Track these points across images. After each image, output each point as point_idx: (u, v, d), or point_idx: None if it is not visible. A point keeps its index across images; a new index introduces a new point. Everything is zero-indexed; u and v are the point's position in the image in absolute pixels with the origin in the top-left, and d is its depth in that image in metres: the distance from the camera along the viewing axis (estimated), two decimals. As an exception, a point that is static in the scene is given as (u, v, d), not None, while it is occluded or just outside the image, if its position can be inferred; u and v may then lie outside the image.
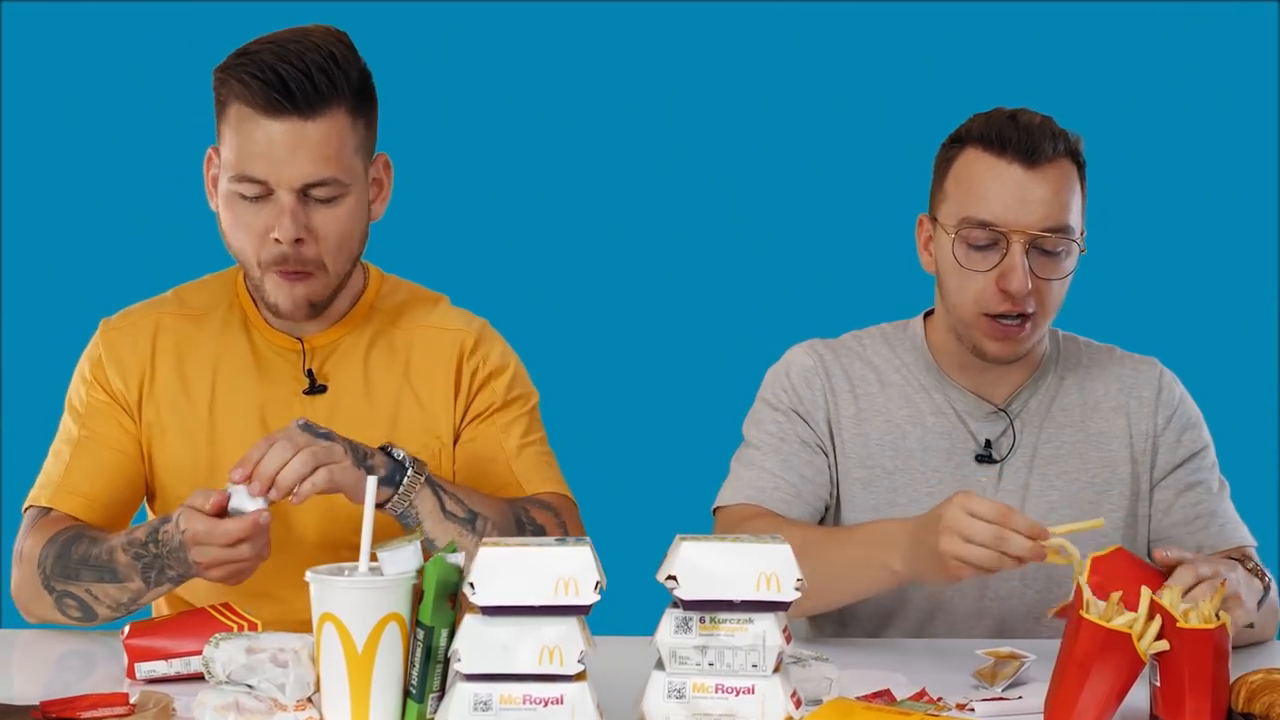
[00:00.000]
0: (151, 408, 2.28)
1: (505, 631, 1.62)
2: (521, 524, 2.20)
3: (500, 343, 2.35)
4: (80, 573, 2.14)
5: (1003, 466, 2.28)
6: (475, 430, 2.30)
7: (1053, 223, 2.17)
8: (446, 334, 2.32)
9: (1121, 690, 1.71)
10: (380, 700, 1.67)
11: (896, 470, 2.29)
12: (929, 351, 2.33)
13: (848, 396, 2.32)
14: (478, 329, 2.34)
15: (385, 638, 1.66)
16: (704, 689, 1.65)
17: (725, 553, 1.64)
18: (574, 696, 1.62)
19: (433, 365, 2.30)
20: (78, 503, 2.25)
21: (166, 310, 2.32)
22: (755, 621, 1.64)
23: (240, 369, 2.28)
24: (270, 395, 2.27)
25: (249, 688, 1.69)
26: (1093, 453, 2.29)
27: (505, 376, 2.32)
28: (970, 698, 1.84)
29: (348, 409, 2.26)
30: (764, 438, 2.31)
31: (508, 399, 2.32)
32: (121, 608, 2.15)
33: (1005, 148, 2.18)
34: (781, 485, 2.26)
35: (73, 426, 2.29)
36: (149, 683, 1.93)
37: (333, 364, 2.28)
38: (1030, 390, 2.31)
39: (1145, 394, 2.32)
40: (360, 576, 1.69)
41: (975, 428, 2.30)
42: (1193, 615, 1.72)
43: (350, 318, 2.30)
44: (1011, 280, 2.16)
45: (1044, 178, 2.18)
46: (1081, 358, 2.36)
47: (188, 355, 2.28)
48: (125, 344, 2.29)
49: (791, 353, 2.36)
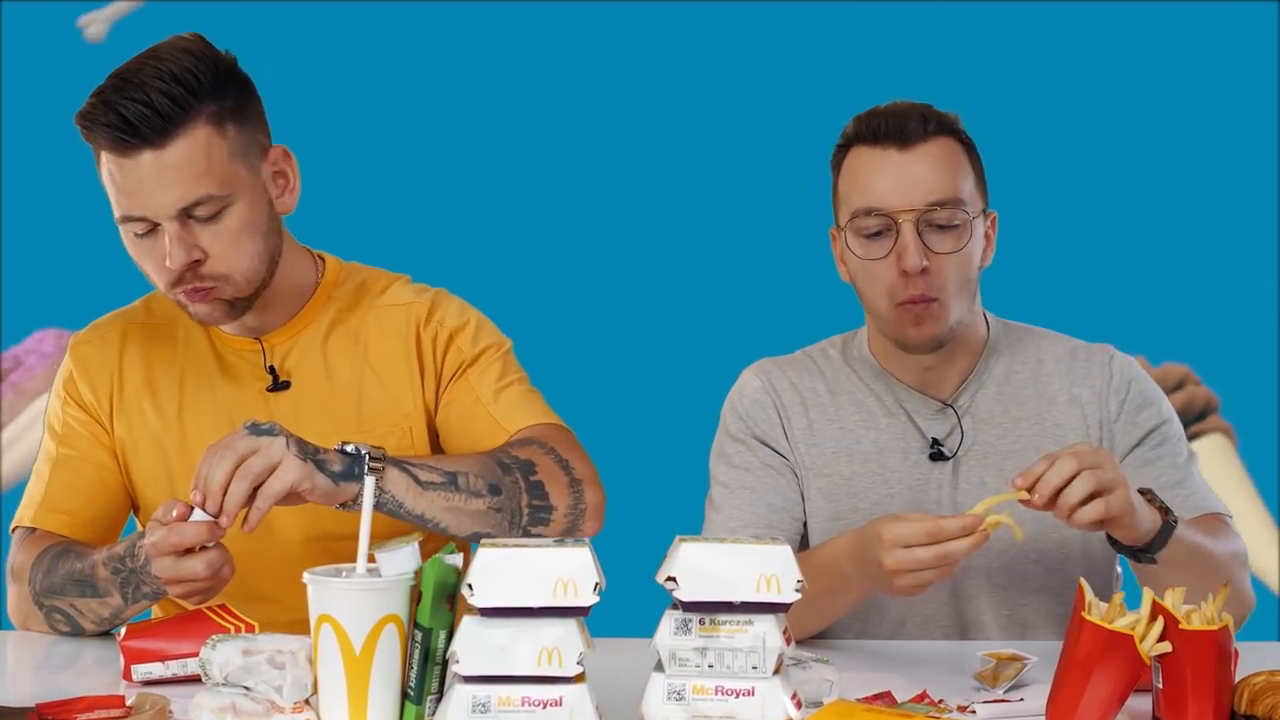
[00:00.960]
0: (123, 417, 2.28)
1: (504, 633, 1.62)
2: (505, 466, 2.14)
3: (456, 303, 2.31)
4: (65, 588, 2.16)
5: (956, 464, 2.28)
6: (452, 392, 2.26)
7: (937, 196, 2.19)
8: (400, 309, 2.28)
9: (1124, 692, 1.70)
10: (378, 702, 1.66)
11: (854, 475, 2.29)
12: (872, 356, 2.33)
13: (798, 410, 2.33)
14: (430, 297, 2.30)
15: (383, 639, 1.66)
16: (704, 691, 1.64)
17: (725, 554, 1.64)
18: (573, 698, 1.62)
19: (391, 344, 2.27)
20: (61, 520, 2.25)
21: (134, 320, 2.32)
22: (755, 623, 1.64)
23: (205, 374, 2.27)
24: (236, 397, 2.26)
25: (246, 690, 1.68)
26: (1050, 446, 2.28)
27: (467, 332, 2.28)
28: (971, 700, 1.83)
29: (313, 402, 2.25)
30: (727, 472, 2.32)
31: (475, 353, 2.27)
32: (104, 622, 2.17)
33: (879, 137, 2.22)
34: (753, 522, 2.27)
35: (51, 445, 2.30)
36: (145, 685, 1.93)
37: (294, 359, 2.27)
38: (976, 383, 2.31)
39: (1096, 383, 2.31)
40: (358, 578, 1.69)
41: (924, 426, 2.30)
42: (1195, 617, 1.71)
43: (306, 311, 2.28)
44: (906, 258, 2.18)
45: (921, 155, 2.21)
46: (1034, 350, 2.34)
47: (155, 363, 2.28)
48: (94, 357, 2.29)
49: (741, 378, 2.38)
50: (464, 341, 2.28)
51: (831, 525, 2.29)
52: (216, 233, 2.12)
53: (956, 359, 2.30)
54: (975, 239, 2.24)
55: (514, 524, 2.13)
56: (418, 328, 2.28)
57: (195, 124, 2.09)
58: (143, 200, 2.09)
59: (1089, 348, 2.35)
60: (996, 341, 2.33)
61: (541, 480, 2.14)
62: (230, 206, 2.13)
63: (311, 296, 2.29)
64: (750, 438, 2.32)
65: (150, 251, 2.13)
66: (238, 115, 2.14)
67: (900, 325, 2.23)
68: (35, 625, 2.22)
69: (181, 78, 2.08)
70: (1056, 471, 1.95)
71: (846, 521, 2.27)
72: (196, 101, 2.09)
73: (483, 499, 2.10)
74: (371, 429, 2.22)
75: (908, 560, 1.95)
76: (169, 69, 2.08)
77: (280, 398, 2.25)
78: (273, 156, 2.20)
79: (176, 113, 2.07)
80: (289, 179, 2.22)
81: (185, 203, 2.09)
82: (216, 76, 2.11)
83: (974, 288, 2.26)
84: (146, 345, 2.29)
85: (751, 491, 2.29)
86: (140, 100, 2.06)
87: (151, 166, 2.08)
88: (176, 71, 2.08)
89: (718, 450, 2.35)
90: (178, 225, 2.10)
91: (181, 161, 2.08)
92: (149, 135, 2.07)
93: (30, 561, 2.19)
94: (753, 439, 2.32)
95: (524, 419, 2.24)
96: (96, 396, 2.28)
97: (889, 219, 2.19)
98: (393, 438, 2.24)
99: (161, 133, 2.07)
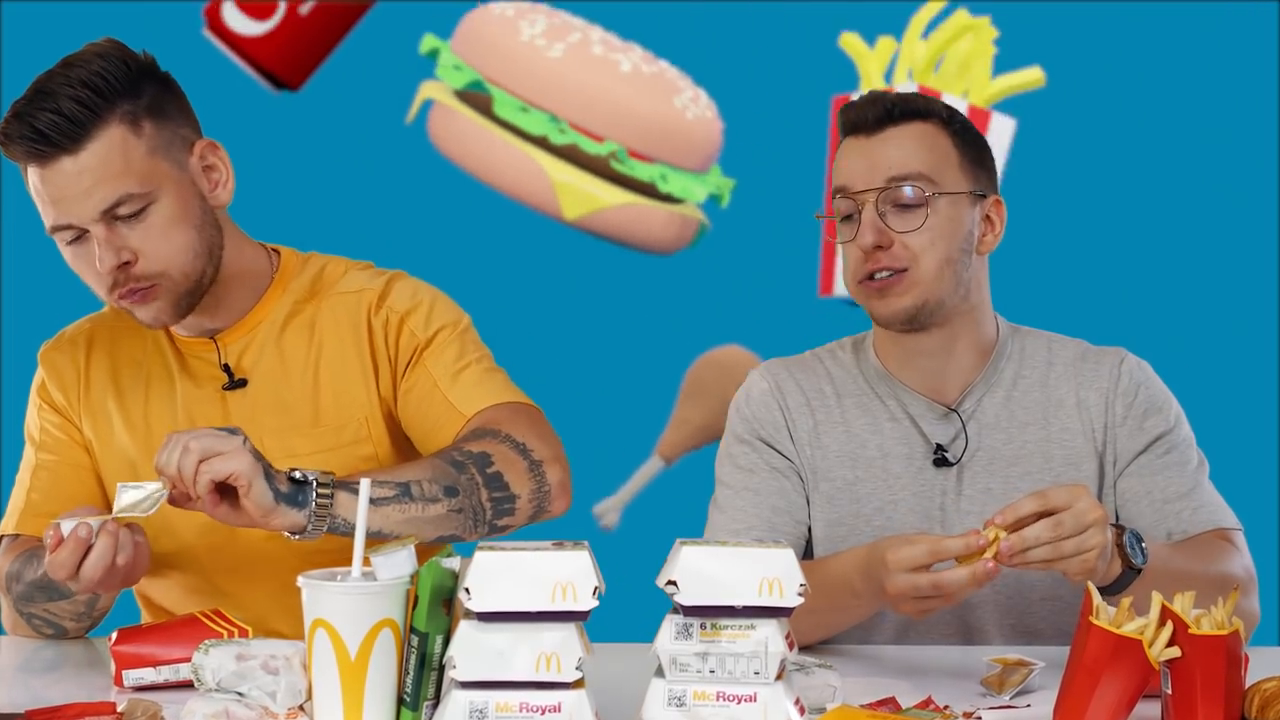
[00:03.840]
0: (89, 418, 2.28)
1: (501, 638, 1.60)
2: (459, 464, 2.10)
3: (409, 284, 2.27)
4: (34, 595, 2.18)
5: (961, 469, 2.26)
6: (410, 379, 2.23)
7: (897, 172, 2.20)
8: (352, 297, 2.26)
9: (1132, 698, 1.68)
10: (374, 708, 1.65)
11: (857, 480, 2.27)
12: (877, 358, 2.31)
13: (804, 412, 2.31)
14: (383, 282, 2.27)
15: (379, 644, 1.65)
16: (705, 697, 1.63)
17: (726, 557, 1.63)
18: (572, 705, 1.60)
19: (344, 333, 2.24)
20: (42, 524, 2.23)
21: (102, 323, 2.32)
22: (757, 628, 1.63)
23: (167, 374, 2.26)
24: (194, 396, 2.25)
25: (239, 695, 1.68)
26: (1056, 451, 2.26)
27: (419, 313, 2.24)
28: (977, 706, 1.83)
29: (268, 399, 2.23)
30: (733, 474, 2.30)
31: (429, 335, 2.24)
32: (84, 618, 2.19)
33: (852, 125, 2.26)
34: (756, 525, 2.25)
35: (31, 453, 2.32)
36: (137, 690, 1.92)
37: (250, 357, 2.25)
38: (983, 387, 2.28)
39: (1103, 385, 2.28)
40: (353, 582, 1.68)
41: (929, 430, 2.27)
42: (1205, 621, 1.69)
43: (259, 306, 2.26)
44: (860, 236, 2.20)
45: (887, 139, 2.23)
46: (1044, 354, 2.32)
47: (122, 364, 2.28)
48: (62, 360, 2.30)
49: (749, 378, 2.36)
50: (416, 324, 2.24)
51: (834, 530, 2.27)
52: (144, 231, 2.12)
53: (962, 361, 2.28)
54: (954, 218, 2.21)
55: (479, 520, 2.11)
56: (369, 315, 2.24)
57: (108, 125, 2.09)
58: (66, 207, 2.09)
59: (1100, 351, 2.32)
60: (1005, 344, 2.31)
61: (499, 471, 2.11)
62: (155, 203, 2.12)
63: (266, 291, 2.26)
64: (755, 439, 2.30)
65: (85, 259, 2.13)
66: (155, 112, 2.13)
67: (867, 299, 2.23)
68: (22, 630, 2.24)
69: (90, 81, 2.09)
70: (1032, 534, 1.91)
71: (849, 526, 2.26)
72: (106, 103, 2.09)
73: (439, 503, 2.07)
74: (328, 423, 2.21)
75: (908, 587, 1.94)
76: (78, 74, 2.09)
77: (236, 396, 2.24)
78: (199, 150, 2.18)
79: (87, 116, 2.08)
80: (220, 171, 2.20)
81: (106, 204, 2.09)
82: (128, 76, 2.12)
83: (956, 268, 2.22)
84: (113, 346, 2.29)
85: (755, 493, 2.27)
86: (50, 109, 2.07)
87: (70, 172, 2.08)
88: (85, 76, 2.09)
89: (724, 451, 2.33)
90: (103, 228, 2.10)
91: (97, 163, 2.09)
92: (60, 142, 2.07)
93: (4, 570, 2.22)
94: (758, 441, 2.30)
95: (481, 400, 2.20)
96: (68, 398, 2.29)
97: (853, 200, 2.22)
98: (349, 430, 2.22)
99: (73, 138, 2.08)
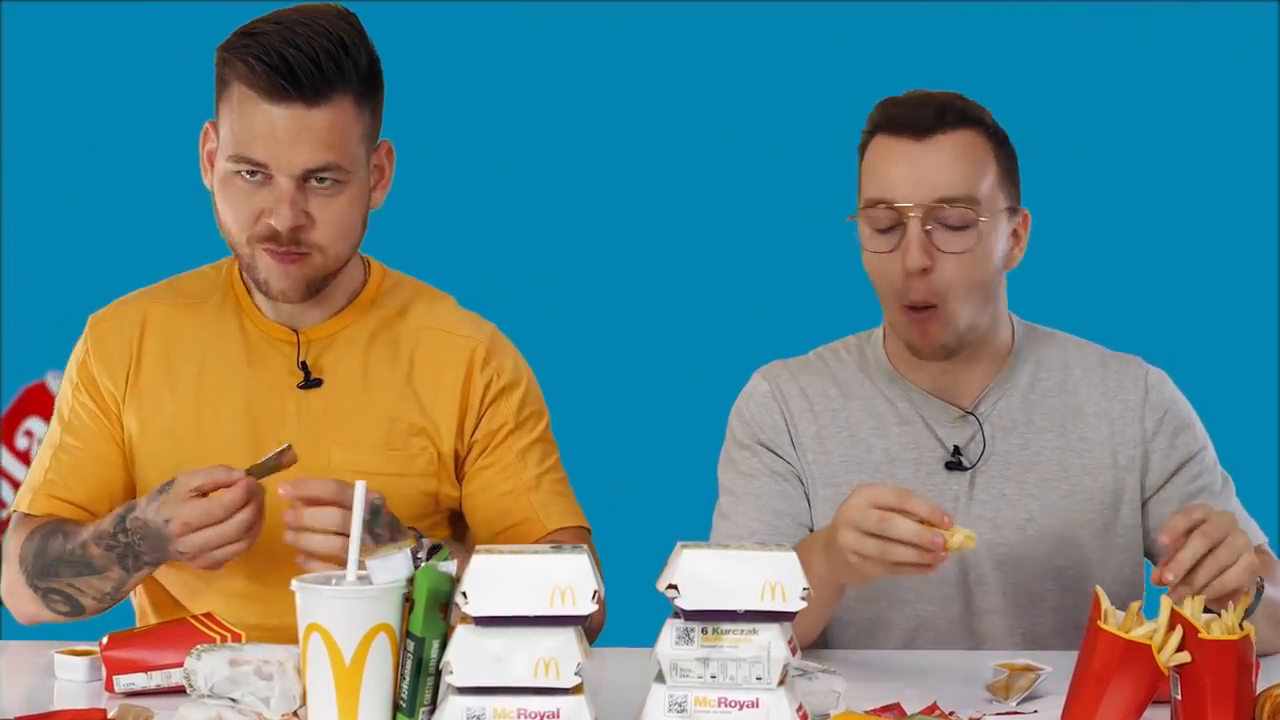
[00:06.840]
0: (135, 400, 2.24)
1: (499, 643, 1.60)
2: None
3: (513, 354, 2.30)
4: (59, 569, 2.14)
5: (974, 474, 2.22)
6: (490, 456, 2.25)
7: (946, 193, 2.13)
8: (455, 339, 2.26)
9: (1141, 704, 1.67)
10: (369, 714, 1.64)
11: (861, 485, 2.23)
12: (886, 358, 2.28)
13: (806, 416, 2.27)
14: (488, 336, 2.28)
15: (374, 649, 1.64)
16: (706, 703, 1.62)
17: (728, 561, 1.62)
18: (571, 710, 1.60)
19: (439, 371, 2.25)
20: (56, 505, 2.23)
21: (159, 299, 2.28)
22: (759, 632, 1.62)
23: (229, 360, 2.23)
24: (260, 388, 2.22)
25: (232, 701, 1.67)
26: (1073, 460, 2.23)
27: (518, 393, 2.27)
28: (983, 712, 1.82)
29: (344, 404, 2.22)
30: (734, 479, 2.28)
31: (520, 419, 2.26)
32: (106, 597, 2.16)
33: (895, 126, 2.17)
34: (758, 529, 2.23)
35: (56, 431, 2.28)
36: (128, 696, 1.91)
37: (330, 357, 2.23)
38: (1000, 390, 2.25)
39: (1131, 398, 2.25)
40: (348, 585, 1.67)
41: (943, 434, 2.24)
42: (1215, 626, 1.68)
43: (350, 310, 2.25)
44: (908, 257, 2.12)
45: (937, 148, 2.15)
46: (1061, 357, 2.28)
47: (175, 346, 2.25)
48: (111, 336, 2.26)
49: (750, 381, 2.33)
50: (513, 402, 2.26)
51: None
52: (326, 203, 2.12)
53: (977, 363, 2.24)
54: (993, 239, 2.17)
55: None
56: (471, 366, 2.25)
57: (346, 95, 2.11)
58: (273, 148, 2.08)
59: (1119, 358, 2.29)
60: (1021, 346, 2.27)
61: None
62: (347, 185, 2.13)
63: (357, 297, 2.26)
64: (756, 444, 2.27)
65: (247, 198, 2.11)
66: (374, 101, 2.16)
67: (908, 330, 2.18)
68: (31, 608, 2.19)
69: (348, 48, 2.09)
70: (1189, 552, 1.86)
71: None
72: (354, 74, 2.11)
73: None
74: (400, 448, 2.20)
75: (858, 514, 1.89)
76: (337, 35, 2.09)
77: (310, 395, 2.22)
78: (382, 149, 2.22)
79: (337, 78, 2.09)
80: (384, 175, 2.23)
81: (313, 166, 2.09)
82: (369, 59, 2.14)
83: (989, 290, 2.19)
84: (169, 326, 2.26)
85: (757, 498, 2.25)
86: (307, 54, 2.07)
87: (295, 120, 2.08)
88: (345, 39, 2.09)
89: (725, 457, 2.31)
90: (295, 185, 2.10)
91: (324, 126, 2.09)
92: (306, 91, 2.07)
93: (21, 544, 2.18)
94: (758, 445, 2.27)
95: (560, 518, 2.25)
96: (113, 378, 2.25)
97: (897, 213, 2.14)
98: (420, 461, 2.22)
99: (318, 91, 2.08)
